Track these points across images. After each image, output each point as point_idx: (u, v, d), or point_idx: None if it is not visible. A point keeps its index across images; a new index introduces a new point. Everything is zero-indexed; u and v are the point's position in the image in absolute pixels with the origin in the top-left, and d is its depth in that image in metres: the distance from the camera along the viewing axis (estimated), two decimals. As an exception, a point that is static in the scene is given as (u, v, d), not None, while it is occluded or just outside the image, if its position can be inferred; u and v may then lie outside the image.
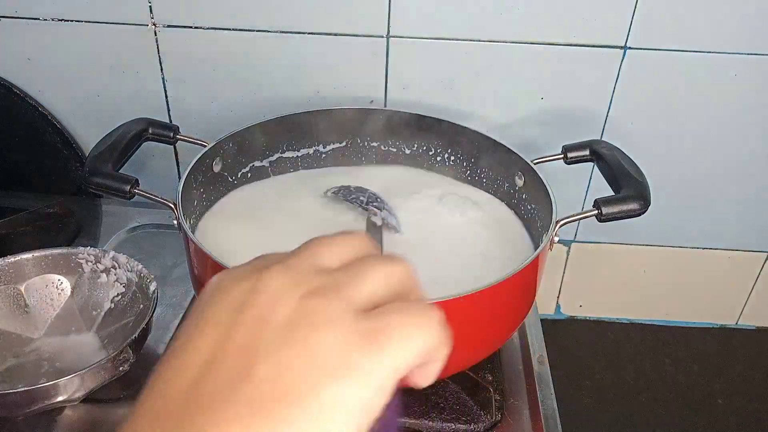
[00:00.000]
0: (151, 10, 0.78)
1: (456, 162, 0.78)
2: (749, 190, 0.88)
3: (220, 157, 0.71)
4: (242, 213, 0.72)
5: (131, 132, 0.68)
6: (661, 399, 0.91)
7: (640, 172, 0.65)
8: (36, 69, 0.83)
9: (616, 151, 0.68)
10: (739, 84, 0.79)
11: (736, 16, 0.75)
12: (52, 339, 0.66)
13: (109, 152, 0.64)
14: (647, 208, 0.61)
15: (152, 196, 0.60)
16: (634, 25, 0.76)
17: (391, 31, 0.78)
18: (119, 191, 0.61)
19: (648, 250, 0.94)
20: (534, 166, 0.68)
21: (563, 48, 0.78)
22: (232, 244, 0.67)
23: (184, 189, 0.63)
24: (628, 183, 0.63)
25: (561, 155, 0.71)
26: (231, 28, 0.79)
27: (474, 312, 0.55)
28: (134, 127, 0.69)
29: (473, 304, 0.53)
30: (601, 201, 0.61)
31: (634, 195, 0.61)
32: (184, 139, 0.71)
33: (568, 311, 1.01)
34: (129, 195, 0.61)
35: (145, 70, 0.82)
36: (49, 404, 0.55)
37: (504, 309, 0.59)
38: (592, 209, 0.61)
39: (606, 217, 0.61)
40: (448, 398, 0.63)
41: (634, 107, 0.82)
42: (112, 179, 0.61)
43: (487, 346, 0.61)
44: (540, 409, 0.64)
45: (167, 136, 0.71)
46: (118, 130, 0.68)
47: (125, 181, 0.61)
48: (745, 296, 0.98)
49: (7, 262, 0.66)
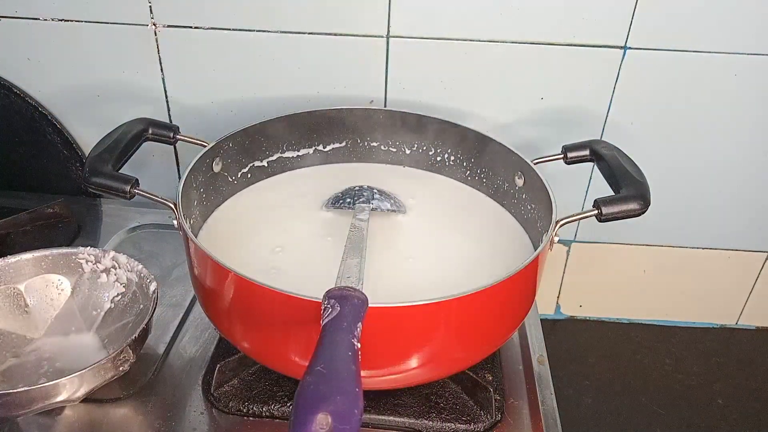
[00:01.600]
0: (151, 10, 0.78)
1: (456, 162, 0.78)
2: (749, 190, 0.88)
3: (220, 157, 0.71)
4: (244, 214, 0.72)
5: (131, 132, 0.68)
6: (660, 399, 0.91)
7: (640, 172, 0.65)
8: (36, 69, 0.84)
9: (615, 151, 0.68)
10: (739, 84, 0.79)
11: (735, 17, 0.75)
12: (52, 339, 0.66)
13: (108, 152, 0.64)
14: (647, 208, 0.61)
15: (152, 196, 0.60)
16: (633, 25, 0.76)
17: (391, 31, 0.78)
18: (119, 191, 0.61)
19: (648, 250, 0.94)
20: (534, 166, 0.68)
21: (563, 48, 0.78)
22: (233, 246, 0.67)
23: (184, 189, 0.63)
24: (628, 183, 0.63)
25: (561, 155, 0.71)
26: (231, 28, 0.79)
27: (474, 312, 0.55)
28: (134, 127, 0.69)
29: (473, 304, 0.53)
30: (601, 201, 0.61)
31: (634, 195, 0.61)
32: (184, 140, 0.71)
33: (568, 311, 1.01)
34: (129, 195, 0.61)
35: (145, 70, 0.82)
36: (49, 404, 0.55)
37: (504, 309, 0.59)
38: (592, 209, 0.61)
39: (606, 217, 0.61)
40: (447, 398, 0.63)
41: (634, 107, 0.82)
42: (112, 179, 0.61)
43: (487, 346, 0.61)
44: (540, 409, 0.65)
45: (167, 136, 0.71)
46: (118, 130, 0.68)
47: (125, 181, 0.61)
48: (745, 296, 0.98)
49: (7, 263, 0.66)
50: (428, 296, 0.51)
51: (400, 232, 0.71)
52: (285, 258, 0.66)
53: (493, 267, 0.67)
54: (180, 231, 0.60)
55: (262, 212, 0.73)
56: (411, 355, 0.55)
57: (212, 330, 0.71)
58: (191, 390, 0.64)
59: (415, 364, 0.56)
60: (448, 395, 0.64)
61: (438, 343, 0.55)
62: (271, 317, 0.54)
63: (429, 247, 0.69)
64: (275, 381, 0.64)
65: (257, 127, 0.74)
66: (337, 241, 0.64)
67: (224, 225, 0.71)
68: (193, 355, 0.68)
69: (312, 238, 0.69)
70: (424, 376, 0.59)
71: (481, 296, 0.52)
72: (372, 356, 0.54)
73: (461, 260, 0.68)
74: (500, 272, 0.55)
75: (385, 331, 0.52)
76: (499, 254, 0.69)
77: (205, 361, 0.67)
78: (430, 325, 0.53)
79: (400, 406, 0.62)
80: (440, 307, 0.51)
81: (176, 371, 0.66)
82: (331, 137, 0.79)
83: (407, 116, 0.77)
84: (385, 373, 0.56)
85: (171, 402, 0.63)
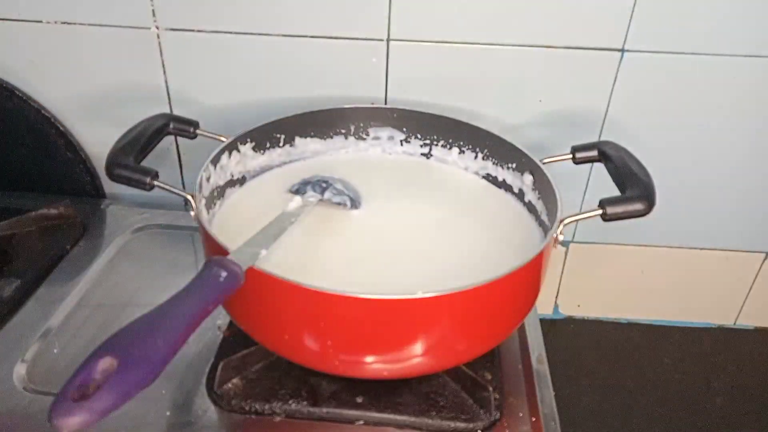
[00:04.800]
0: (153, 13, 0.79)
1: (462, 157, 0.79)
2: (748, 190, 0.88)
3: (236, 151, 0.72)
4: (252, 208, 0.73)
5: (153, 126, 0.70)
6: (659, 399, 0.91)
7: (646, 173, 0.65)
8: (39, 71, 0.84)
9: (623, 152, 0.69)
10: (738, 87, 0.80)
11: (734, 19, 0.75)
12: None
13: (131, 145, 0.66)
14: (651, 209, 0.62)
15: (171, 188, 0.62)
16: (631, 28, 0.76)
17: (392, 34, 0.78)
18: (140, 183, 0.63)
19: (646, 250, 0.94)
20: (542, 165, 0.69)
21: (561, 51, 0.78)
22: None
23: (201, 182, 0.64)
24: (634, 184, 0.64)
25: (569, 155, 0.71)
26: (233, 31, 0.79)
27: (475, 306, 0.55)
28: (157, 121, 0.71)
29: (475, 298, 0.54)
30: (606, 201, 0.62)
31: (639, 195, 0.62)
32: (204, 134, 0.72)
33: (566, 311, 1.02)
34: (149, 186, 0.63)
35: (148, 73, 0.83)
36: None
37: (505, 305, 0.59)
38: (597, 209, 0.62)
39: (610, 217, 0.61)
40: (447, 397, 0.64)
41: (632, 110, 0.82)
42: (134, 171, 0.63)
43: (488, 340, 0.62)
44: (539, 408, 0.65)
45: (188, 130, 0.73)
46: (141, 124, 0.70)
47: (146, 173, 0.63)
48: (743, 296, 0.98)
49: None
50: (431, 288, 0.52)
51: (358, 208, 0.73)
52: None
53: (501, 257, 0.67)
54: (198, 223, 0.61)
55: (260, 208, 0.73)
56: (413, 345, 0.56)
57: (215, 328, 0.71)
58: (194, 387, 0.65)
59: (418, 352, 0.57)
60: (448, 393, 0.64)
61: (440, 336, 0.56)
62: (305, 315, 0.55)
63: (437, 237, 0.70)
64: (278, 379, 0.65)
65: (272, 125, 0.75)
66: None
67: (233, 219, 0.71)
68: (197, 352, 0.68)
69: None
70: (424, 367, 0.60)
71: (483, 290, 0.53)
72: (374, 345, 0.56)
73: (471, 251, 0.68)
74: (509, 262, 0.56)
75: (387, 322, 0.54)
76: (497, 253, 0.69)
77: (209, 359, 0.67)
78: (433, 318, 0.54)
79: (400, 404, 0.63)
80: (442, 301, 0.52)
81: (179, 369, 0.66)
82: (337, 135, 0.80)
83: (413, 114, 0.78)
84: (387, 360, 0.58)
85: (174, 399, 0.63)
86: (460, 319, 0.56)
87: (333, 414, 0.62)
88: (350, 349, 0.57)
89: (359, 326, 0.54)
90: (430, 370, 0.62)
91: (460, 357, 0.61)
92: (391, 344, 0.56)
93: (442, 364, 0.61)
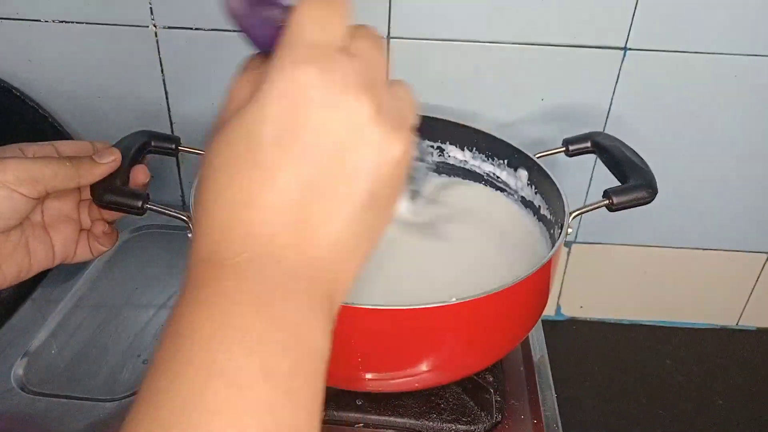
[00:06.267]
0: (151, 11, 0.78)
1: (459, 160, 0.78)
2: (749, 191, 0.88)
3: None
4: None
5: (135, 146, 0.66)
6: (661, 400, 0.91)
7: (642, 160, 0.65)
8: (37, 70, 0.84)
9: (618, 142, 0.69)
10: (740, 85, 0.79)
11: (736, 18, 0.75)
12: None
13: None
14: (655, 196, 0.62)
15: (165, 210, 0.60)
16: (634, 26, 0.76)
17: (392, 32, 0.78)
18: (132, 207, 0.59)
19: (649, 251, 0.94)
20: (538, 160, 0.69)
21: (563, 49, 0.78)
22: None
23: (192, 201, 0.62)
24: (634, 172, 0.64)
25: (562, 148, 0.71)
26: (232, 29, 0.79)
27: (492, 312, 0.55)
28: (137, 140, 0.67)
29: (508, 297, 0.53)
30: (611, 191, 0.61)
31: (642, 183, 0.62)
32: (186, 150, 0.70)
33: (568, 312, 1.01)
34: (141, 211, 0.59)
35: (146, 72, 0.82)
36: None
37: (532, 299, 0.59)
38: (603, 200, 0.61)
39: (617, 207, 0.61)
40: (448, 399, 0.63)
41: (634, 109, 0.82)
42: (124, 196, 0.60)
43: (505, 344, 0.61)
44: (541, 410, 0.65)
45: (169, 147, 0.70)
46: (122, 143, 0.66)
47: (137, 196, 0.60)
48: (745, 297, 0.98)
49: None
50: (442, 296, 0.51)
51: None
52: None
53: (501, 257, 0.67)
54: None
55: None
56: (421, 359, 0.55)
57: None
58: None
59: (425, 368, 0.56)
60: (449, 396, 0.64)
61: (450, 345, 0.55)
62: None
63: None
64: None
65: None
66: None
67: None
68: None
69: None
70: (432, 380, 0.59)
71: (518, 288, 0.52)
72: (379, 359, 0.55)
73: (478, 259, 0.67)
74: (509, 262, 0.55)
75: (396, 333, 0.52)
76: (497, 255, 0.69)
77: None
78: (465, 323, 0.54)
79: (401, 407, 0.62)
80: (477, 304, 0.51)
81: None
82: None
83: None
84: (392, 377, 0.57)
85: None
86: (492, 319, 0.55)
87: (333, 416, 0.62)
88: (380, 364, 0.56)
89: (390, 339, 0.53)
90: (436, 383, 0.61)
91: (471, 369, 0.60)
92: (423, 354, 0.55)
93: (451, 376, 0.61)
